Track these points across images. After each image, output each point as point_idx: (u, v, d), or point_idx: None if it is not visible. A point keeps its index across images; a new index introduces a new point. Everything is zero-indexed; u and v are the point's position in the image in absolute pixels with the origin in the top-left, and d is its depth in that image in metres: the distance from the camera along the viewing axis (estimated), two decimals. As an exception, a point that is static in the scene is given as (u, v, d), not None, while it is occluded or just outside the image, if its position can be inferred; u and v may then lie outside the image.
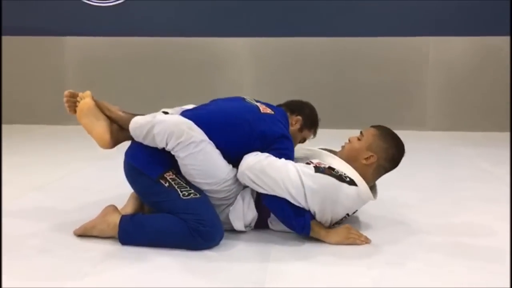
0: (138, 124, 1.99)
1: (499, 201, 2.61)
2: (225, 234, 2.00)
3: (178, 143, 1.92)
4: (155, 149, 1.99)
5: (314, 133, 2.42)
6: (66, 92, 2.16)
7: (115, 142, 2.12)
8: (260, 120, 2.09)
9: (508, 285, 1.62)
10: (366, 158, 2.06)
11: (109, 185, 2.54)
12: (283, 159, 2.00)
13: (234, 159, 2.05)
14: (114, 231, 1.94)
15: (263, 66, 5.14)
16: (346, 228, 2.00)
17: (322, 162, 2.11)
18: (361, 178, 2.02)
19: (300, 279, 1.68)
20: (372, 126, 2.17)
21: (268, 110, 2.19)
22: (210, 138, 1.98)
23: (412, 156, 2.10)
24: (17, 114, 5.17)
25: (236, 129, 2.06)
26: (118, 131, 2.12)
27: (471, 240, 2.05)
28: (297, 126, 2.33)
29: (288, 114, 2.31)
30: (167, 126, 1.93)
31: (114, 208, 2.03)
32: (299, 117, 2.33)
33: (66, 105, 2.17)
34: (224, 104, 2.22)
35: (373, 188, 2.15)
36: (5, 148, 3.83)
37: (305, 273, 1.73)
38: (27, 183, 2.89)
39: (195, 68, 5.15)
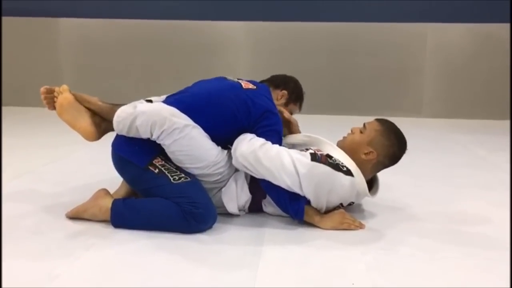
0: (120, 118, 1.95)
1: (494, 188, 2.61)
2: (219, 218, 1.99)
3: (162, 131, 1.89)
4: (141, 138, 1.97)
5: (300, 107, 2.40)
6: (42, 89, 2.08)
7: (100, 133, 2.09)
8: (243, 97, 2.06)
9: (508, 284, 1.60)
10: (366, 154, 2.03)
11: (102, 168, 2.50)
12: (276, 146, 1.97)
13: (223, 140, 2.04)
14: (106, 215, 1.92)
15: (260, 50, 5.09)
16: (340, 214, 1.99)
17: (320, 150, 2.09)
18: (358, 170, 1.99)
19: (294, 264, 1.67)
20: (377, 120, 2.11)
21: (250, 86, 2.16)
22: (195, 121, 1.96)
23: (408, 143, 2.08)
24: (10, 96, 5.12)
25: (220, 109, 2.03)
26: (101, 122, 2.09)
27: (465, 227, 2.05)
28: (283, 100, 2.31)
29: (272, 89, 2.27)
30: (149, 116, 1.90)
31: (105, 192, 2.01)
32: (284, 91, 2.31)
33: (44, 102, 2.10)
34: (205, 85, 2.19)
35: (374, 183, 2.13)
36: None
37: (298, 258, 1.72)
38: (20, 165, 2.86)
39: (191, 52, 5.11)
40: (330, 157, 1.99)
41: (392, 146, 2.05)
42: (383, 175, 2.15)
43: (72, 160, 3.06)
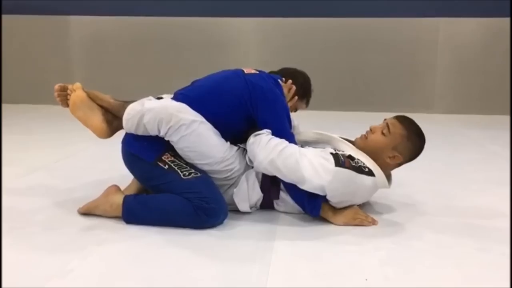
0: (130, 116, 1.95)
1: (508, 183, 2.57)
2: (230, 214, 1.98)
3: (169, 128, 1.89)
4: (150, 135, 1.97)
5: (307, 104, 2.38)
6: (56, 86, 2.11)
7: (112, 130, 2.11)
8: (244, 80, 2.06)
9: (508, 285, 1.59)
10: (391, 157, 2.01)
11: (114, 165, 2.50)
12: (295, 151, 1.92)
13: (234, 130, 2.04)
14: (117, 211, 1.93)
15: (269, 47, 5.08)
16: (353, 210, 1.97)
17: (337, 149, 2.07)
18: (378, 168, 1.97)
19: (306, 259, 1.66)
20: (399, 121, 2.04)
21: (253, 71, 2.16)
22: (202, 112, 1.96)
23: None
24: (23, 94, 5.16)
25: (225, 96, 2.03)
26: (113, 119, 2.10)
27: (480, 222, 2.02)
28: (290, 94, 2.27)
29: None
30: (156, 113, 1.91)
31: (116, 188, 2.01)
32: (290, 81, 2.26)
33: (57, 99, 2.13)
34: (210, 77, 2.19)
35: (388, 176, 2.11)
36: (11, 128, 3.83)
37: (311, 253, 1.71)
38: (33, 162, 2.88)
39: (200, 48, 5.11)
40: (352, 158, 1.96)
41: (416, 150, 2.05)
42: (395, 170, 2.13)
43: (84, 156, 3.08)
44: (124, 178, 2.21)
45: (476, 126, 4.31)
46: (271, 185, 2.04)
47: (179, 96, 2.08)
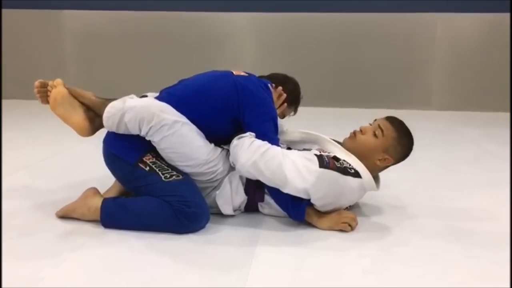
0: (110, 114, 1.89)
1: (502, 185, 2.52)
2: (213, 217, 1.93)
3: (150, 128, 1.83)
4: (131, 134, 1.91)
5: (295, 111, 2.32)
6: (36, 82, 2.03)
7: (94, 129, 2.03)
8: (232, 82, 2.00)
9: (508, 284, 1.53)
10: (381, 160, 1.96)
11: (100, 163, 2.45)
12: (278, 153, 1.86)
13: (219, 132, 1.99)
14: (95, 215, 1.87)
15: (265, 42, 5.01)
16: (338, 213, 1.91)
17: (323, 149, 2.02)
18: (365, 169, 1.92)
19: (287, 266, 1.60)
20: (390, 122, 1.99)
21: (242, 73, 2.10)
22: (187, 113, 1.90)
23: (415, 137, 2.01)
24: (15, 89, 5.10)
25: (211, 97, 1.97)
26: (95, 117, 2.02)
27: (470, 226, 1.97)
28: (278, 100, 2.19)
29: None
30: (137, 111, 1.85)
31: (94, 191, 1.96)
32: (281, 88, 2.19)
33: (37, 95, 2.05)
34: (198, 77, 2.13)
35: (376, 178, 2.05)
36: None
37: (293, 260, 1.65)
38: (17, 161, 2.82)
39: (195, 44, 5.04)
40: (337, 159, 1.91)
41: (406, 152, 2.01)
42: (385, 171, 2.07)
43: (70, 154, 3.02)
44: (109, 178, 2.14)
45: (474, 123, 4.24)
46: (255, 188, 1.98)
47: (164, 95, 2.02)
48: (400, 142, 1.97)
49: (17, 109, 4.57)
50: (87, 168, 2.61)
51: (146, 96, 2.10)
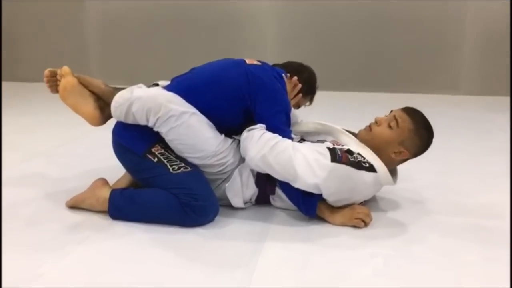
0: (118, 104, 1.85)
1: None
2: (222, 210, 1.88)
3: (157, 119, 1.79)
4: (140, 124, 1.86)
5: (311, 101, 2.22)
6: (46, 71, 2.01)
7: (105, 118, 2.01)
8: (244, 70, 1.93)
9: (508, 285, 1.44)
10: (396, 153, 1.86)
11: (112, 152, 2.43)
12: (288, 146, 1.79)
13: (230, 123, 1.93)
14: (104, 206, 1.85)
15: (286, 25, 4.88)
16: (352, 208, 1.84)
17: (337, 141, 1.94)
18: (381, 163, 1.83)
19: (294, 265, 1.54)
20: (407, 113, 1.88)
21: (255, 62, 2.01)
22: (196, 103, 1.85)
23: (440, 124, 1.90)
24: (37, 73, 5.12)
25: (221, 87, 1.91)
26: (106, 106, 1.99)
27: (492, 224, 1.86)
28: (294, 90, 2.10)
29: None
30: (144, 102, 1.80)
31: (103, 182, 1.93)
32: (296, 78, 2.08)
33: (47, 85, 2.03)
34: (209, 65, 2.06)
35: (393, 171, 1.96)
36: (18, 108, 3.80)
37: (300, 258, 1.58)
38: (32, 147, 2.83)
39: (216, 28, 4.97)
40: (351, 153, 1.83)
41: (424, 145, 1.90)
42: (405, 163, 1.97)
43: (85, 141, 3.00)
44: (121, 168, 2.10)
45: (504, 109, 4.06)
46: (266, 180, 1.92)
47: (174, 84, 1.98)
48: (418, 134, 1.87)
49: (37, 93, 4.57)
50: (101, 157, 2.58)
51: (157, 84, 2.06)
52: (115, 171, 2.09)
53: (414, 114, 1.90)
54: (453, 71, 4.76)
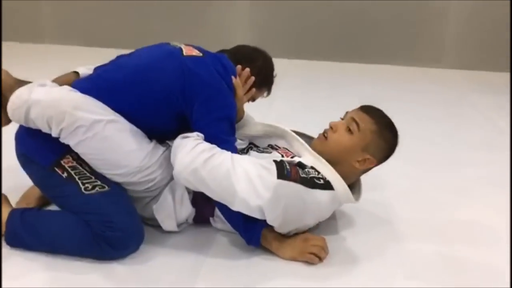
0: (15, 106, 1.47)
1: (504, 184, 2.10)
2: (151, 232, 1.58)
3: (61, 130, 1.42)
4: None
5: (268, 91, 1.85)
6: None
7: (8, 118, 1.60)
8: (179, 66, 1.55)
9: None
10: (360, 161, 1.55)
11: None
12: (226, 159, 1.45)
13: (160, 130, 1.59)
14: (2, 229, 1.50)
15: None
16: (303, 240, 1.52)
17: (289, 151, 1.62)
18: (339, 178, 1.51)
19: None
20: (366, 112, 1.58)
21: (195, 53, 1.63)
22: (118, 104, 1.50)
23: (417, 109, 1.58)
24: None
25: (148, 86, 1.54)
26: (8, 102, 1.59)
27: (467, 255, 1.58)
28: (245, 82, 1.72)
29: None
30: (44, 108, 1.43)
31: (3, 198, 1.58)
32: (248, 70, 1.72)
33: None
34: (139, 55, 1.67)
35: (355, 184, 1.65)
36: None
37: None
38: None
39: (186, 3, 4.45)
40: (303, 166, 1.51)
41: (389, 148, 1.59)
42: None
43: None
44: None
45: (487, 89, 3.75)
46: (206, 199, 1.57)
47: (94, 77, 1.61)
48: (382, 136, 1.56)
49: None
50: (8, 164, 1.93)
51: (77, 72, 1.68)
52: (23, 183, 1.70)
53: (374, 113, 1.59)
54: (435, 43, 4.41)
